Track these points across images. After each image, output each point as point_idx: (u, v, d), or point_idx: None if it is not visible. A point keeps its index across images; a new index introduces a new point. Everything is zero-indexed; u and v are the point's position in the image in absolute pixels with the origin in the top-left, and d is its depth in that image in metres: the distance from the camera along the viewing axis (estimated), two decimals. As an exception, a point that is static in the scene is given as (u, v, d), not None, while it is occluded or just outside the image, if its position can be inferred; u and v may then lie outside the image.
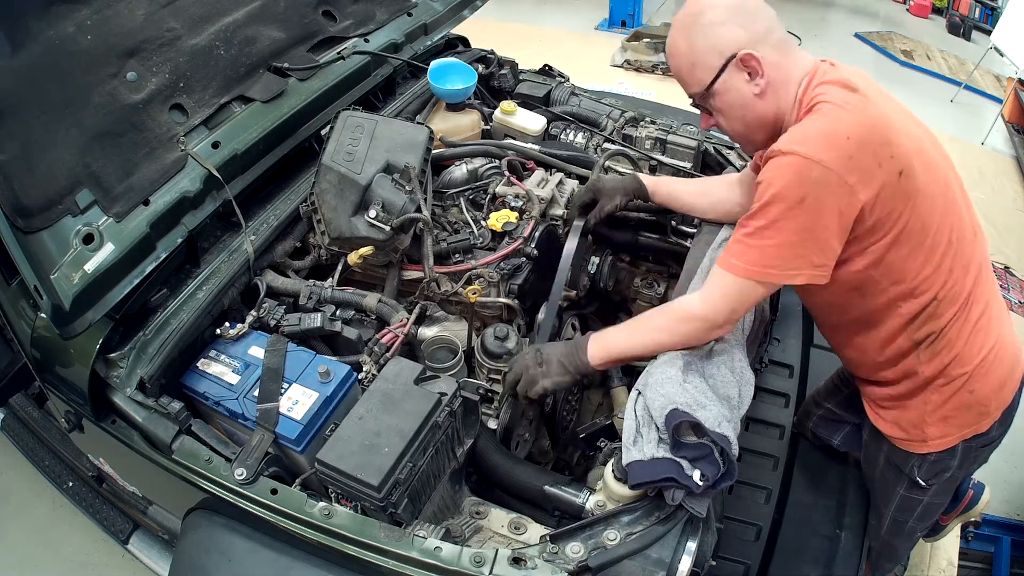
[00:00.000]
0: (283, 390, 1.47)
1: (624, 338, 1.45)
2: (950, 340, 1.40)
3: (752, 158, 1.63)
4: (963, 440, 1.47)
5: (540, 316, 1.72)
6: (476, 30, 2.71)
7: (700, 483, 1.24)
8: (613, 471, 1.36)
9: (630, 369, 2.08)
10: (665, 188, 1.78)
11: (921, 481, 1.55)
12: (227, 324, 1.60)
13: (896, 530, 1.71)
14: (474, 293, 1.66)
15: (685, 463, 1.26)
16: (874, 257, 1.31)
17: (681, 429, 1.27)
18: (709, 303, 1.35)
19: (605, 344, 1.45)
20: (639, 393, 1.39)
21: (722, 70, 1.34)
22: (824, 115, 1.27)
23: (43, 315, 1.50)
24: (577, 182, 1.98)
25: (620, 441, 1.43)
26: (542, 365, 1.46)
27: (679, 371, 1.39)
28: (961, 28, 6.06)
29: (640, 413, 1.36)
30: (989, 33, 5.20)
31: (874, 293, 1.37)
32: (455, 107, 2.21)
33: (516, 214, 1.80)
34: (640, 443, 1.31)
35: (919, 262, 1.33)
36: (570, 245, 1.75)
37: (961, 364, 1.41)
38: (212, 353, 1.59)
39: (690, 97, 1.43)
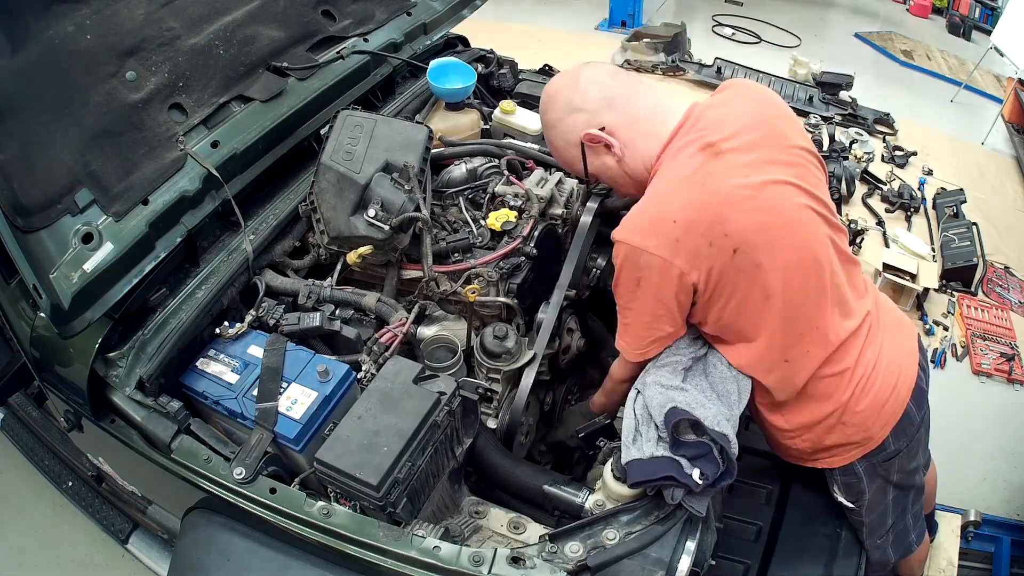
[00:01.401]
0: (282, 389, 1.47)
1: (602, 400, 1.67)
2: (811, 394, 1.45)
3: None
4: (855, 460, 1.53)
5: (540, 315, 1.72)
6: (476, 30, 2.71)
7: (699, 482, 1.24)
8: (612, 470, 1.36)
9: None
10: None
11: (848, 503, 1.63)
12: (226, 323, 1.60)
13: (873, 548, 1.73)
14: (473, 292, 1.66)
15: (684, 462, 1.26)
16: (718, 320, 1.37)
17: (680, 428, 1.27)
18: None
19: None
20: (638, 392, 1.39)
21: (584, 157, 1.45)
22: (655, 193, 1.33)
23: (42, 314, 1.50)
24: (576, 181, 1.98)
25: (620, 441, 1.43)
26: None
27: (679, 370, 1.40)
28: (961, 28, 6.05)
29: (639, 412, 1.36)
30: (989, 33, 5.20)
31: (729, 351, 1.42)
32: (454, 106, 2.21)
33: (515, 213, 1.79)
34: (639, 442, 1.31)
35: (767, 325, 1.35)
36: (585, 219, 1.78)
37: (825, 411, 1.46)
38: (211, 352, 1.59)
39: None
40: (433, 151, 1.93)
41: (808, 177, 1.39)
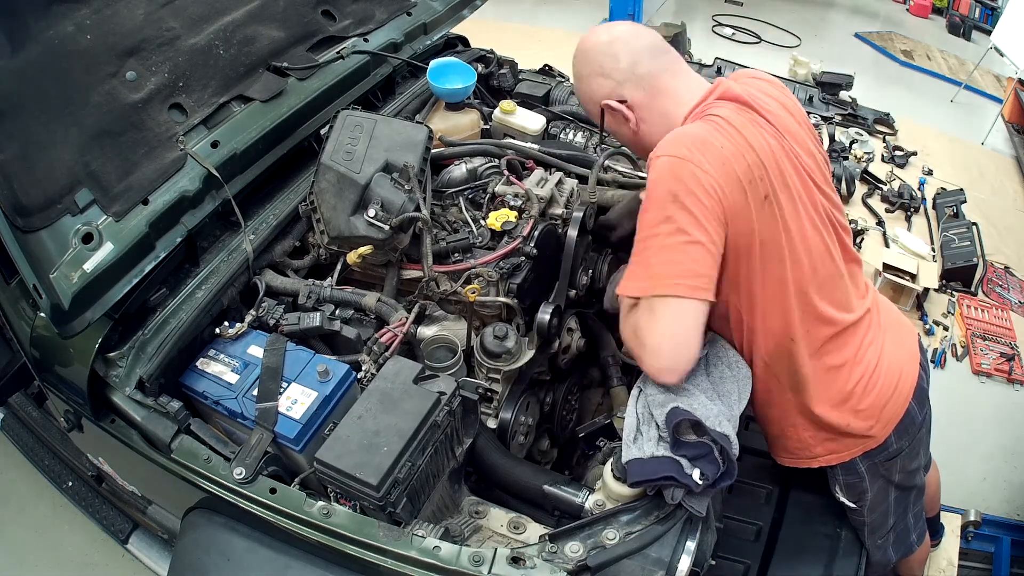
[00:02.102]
0: (282, 389, 1.47)
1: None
2: (812, 380, 1.45)
3: None
4: (855, 457, 1.53)
5: (540, 315, 1.72)
6: (476, 30, 2.71)
7: (700, 482, 1.24)
8: (612, 470, 1.36)
9: (629, 368, 2.09)
10: None
11: (849, 503, 1.63)
12: (226, 323, 1.60)
13: (874, 548, 1.74)
14: (473, 292, 1.66)
15: (685, 462, 1.26)
16: (732, 279, 1.33)
17: (681, 428, 1.27)
18: None
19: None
20: (640, 390, 1.39)
21: (602, 116, 1.49)
22: (705, 123, 1.31)
23: (42, 314, 1.50)
24: (576, 181, 1.98)
25: (619, 440, 1.43)
26: None
27: (701, 376, 1.39)
28: (961, 28, 6.05)
29: (641, 411, 1.35)
30: (989, 33, 5.20)
31: (736, 322, 1.41)
32: (454, 106, 2.21)
33: (515, 213, 1.79)
34: (640, 441, 1.31)
35: (779, 293, 1.35)
36: (571, 233, 1.78)
37: (827, 402, 1.47)
38: (211, 352, 1.59)
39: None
40: (433, 151, 1.93)
41: (823, 174, 1.45)
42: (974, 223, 3.77)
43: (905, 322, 1.65)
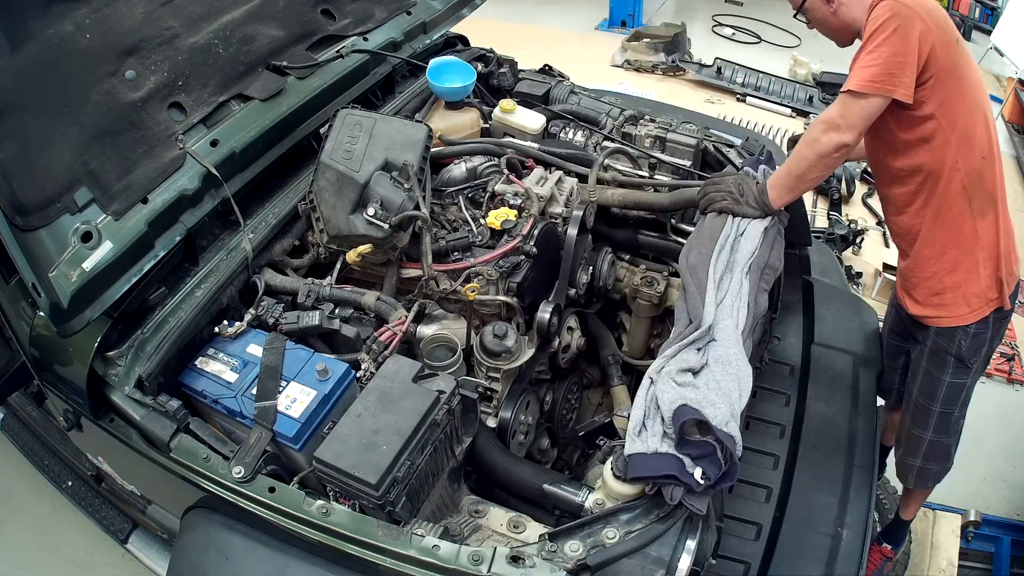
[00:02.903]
0: (281, 388, 1.47)
1: (783, 173, 1.70)
2: (994, 205, 1.71)
3: None
4: (992, 312, 1.75)
5: (540, 314, 1.72)
6: (476, 30, 2.71)
7: (701, 482, 1.24)
8: (612, 469, 1.35)
9: (629, 368, 2.09)
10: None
11: (966, 357, 1.80)
12: (225, 322, 1.60)
13: (944, 426, 1.89)
14: (473, 291, 1.66)
15: (687, 460, 1.26)
16: (935, 101, 1.60)
17: (686, 426, 1.27)
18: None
19: (774, 185, 1.70)
20: (651, 382, 1.38)
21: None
22: None
23: (41, 313, 1.50)
24: (576, 180, 1.98)
25: (619, 440, 1.43)
26: (742, 195, 1.70)
27: (691, 363, 1.39)
28: (961, 28, 6.05)
29: (648, 403, 1.35)
30: (989, 33, 5.19)
31: (938, 141, 1.64)
32: (454, 105, 2.21)
33: (515, 212, 1.79)
34: (644, 435, 1.30)
35: (965, 118, 1.64)
36: (571, 232, 1.79)
37: (998, 236, 1.72)
38: (210, 351, 1.59)
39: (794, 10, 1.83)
40: (433, 150, 1.93)
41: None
42: (974, 223, 3.76)
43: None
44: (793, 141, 2.10)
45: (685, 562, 1.25)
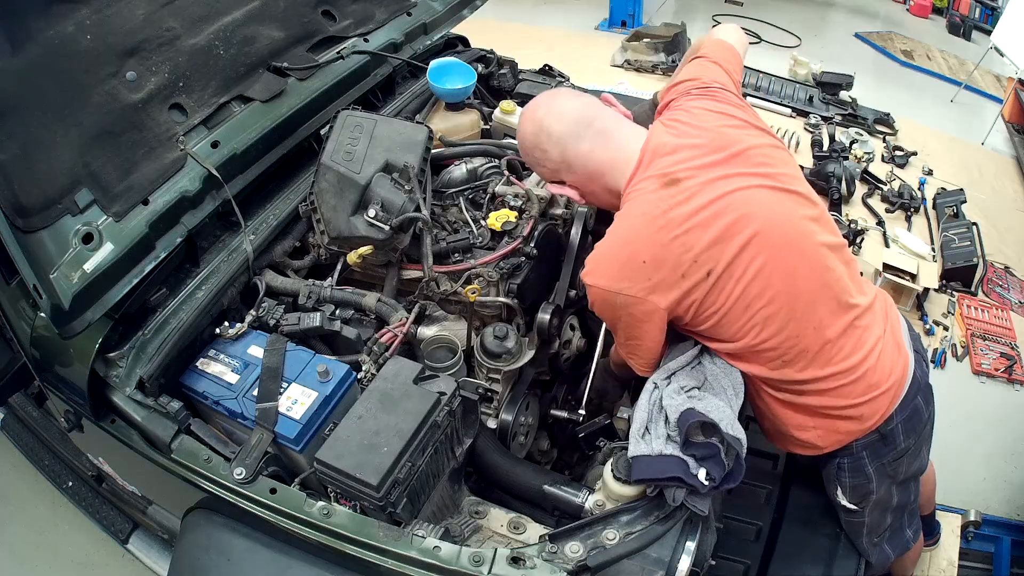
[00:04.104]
0: (282, 389, 1.47)
1: None
2: (816, 391, 1.44)
3: None
4: (867, 462, 1.52)
5: (540, 315, 1.72)
6: (476, 30, 2.71)
7: (705, 483, 1.24)
8: (612, 470, 1.36)
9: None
10: None
11: (851, 505, 1.63)
12: (226, 323, 1.60)
13: (871, 548, 1.73)
14: (473, 292, 1.66)
15: (692, 462, 1.26)
16: (707, 330, 1.39)
17: (691, 428, 1.27)
18: None
19: None
20: (656, 386, 1.39)
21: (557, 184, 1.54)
22: (621, 232, 1.35)
23: (42, 314, 1.50)
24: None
25: (619, 441, 1.43)
26: None
27: (695, 373, 1.39)
28: (961, 28, 6.05)
29: (652, 406, 1.35)
30: (989, 33, 5.19)
31: (723, 351, 1.44)
32: (454, 106, 2.21)
33: (515, 213, 1.79)
34: (648, 438, 1.30)
35: (755, 329, 1.36)
36: (573, 233, 1.79)
37: (836, 407, 1.45)
38: (211, 352, 1.59)
39: None
40: (433, 151, 1.93)
41: (775, 165, 1.41)
42: (974, 223, 3.77)
43: (894, 308, 1.62)
44: None
45: (685, 563, 1.25)
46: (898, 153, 4.40)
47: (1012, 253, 3.80)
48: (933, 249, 3.70)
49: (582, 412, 1.75)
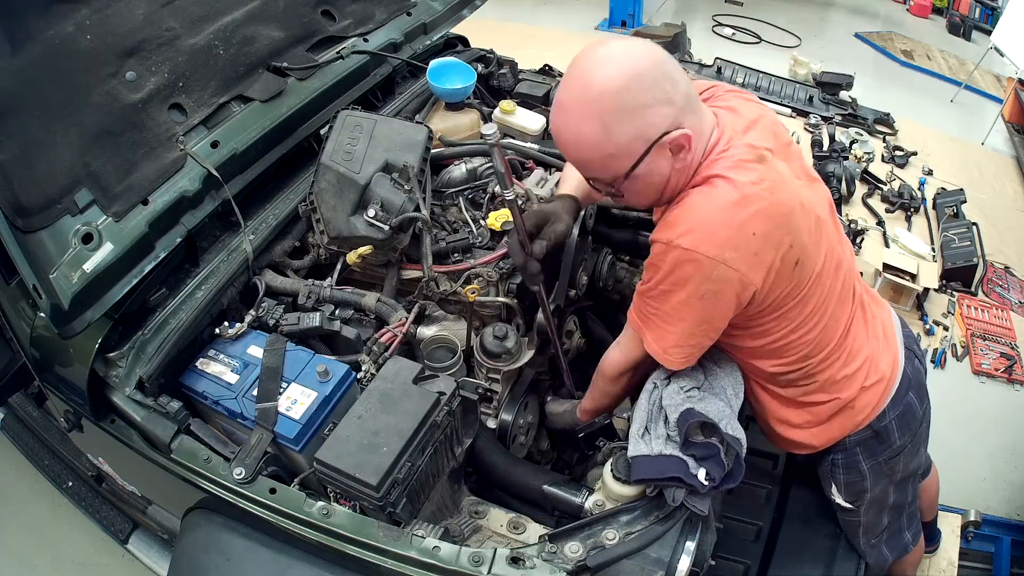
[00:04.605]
0: (282, 389, 1.47)
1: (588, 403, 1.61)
2: (818, 385, 1.45)
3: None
4: (862, 459, 1.53)
5: (539, 315, 1.72)
6: (476, 30, 2.71)
7: (705, 483, 1.24)
8: (612, 470, 1.36)
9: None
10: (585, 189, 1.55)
11: (846, 504, 1.62)
12: (226, 323, 1.60)
13: (868, 549, 1.73)
14: (473, 292, 1.66)
15: (691, 461, 1.26)
16: (758, 332, 1.35)
17: (691, 428, 1.27)
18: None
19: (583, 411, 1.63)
20: (655, 386, 1.39)
21: (645, 154, 1.19)
22: (731, 203, 1.19)
23: (42, 314, 1.50)
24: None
25: (619, 441, 1.43)
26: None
27: (695, 384, 1.39)
28: (961, 28, 6.05)
29: (651, 407, 1.35)
30: (989, 33, 5.19)
31: (744, 346, 1.41)
32: (454, 106, 2.21)
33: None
34: (648, 438, 1.31)
35: (797, 333, 1.35)
36: (571, 237, 1.76)
37: (834, 400, 1.46)
38: (211, 352, 1.59)
39: (592, 182, 1.31)
40: (433, 151, 1.93)
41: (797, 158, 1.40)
42: (974, 223, 3.77)
43: (885, 305, 1.65)
44: None
45: (684, 563, 1.25)
46: (898, 153, 4.40)
47: (1012, 253, 3.80)
48: (933, 249, 3.70)
49: (597, 420, 1.75)
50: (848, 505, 1.63)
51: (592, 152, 1.21)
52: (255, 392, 1.47)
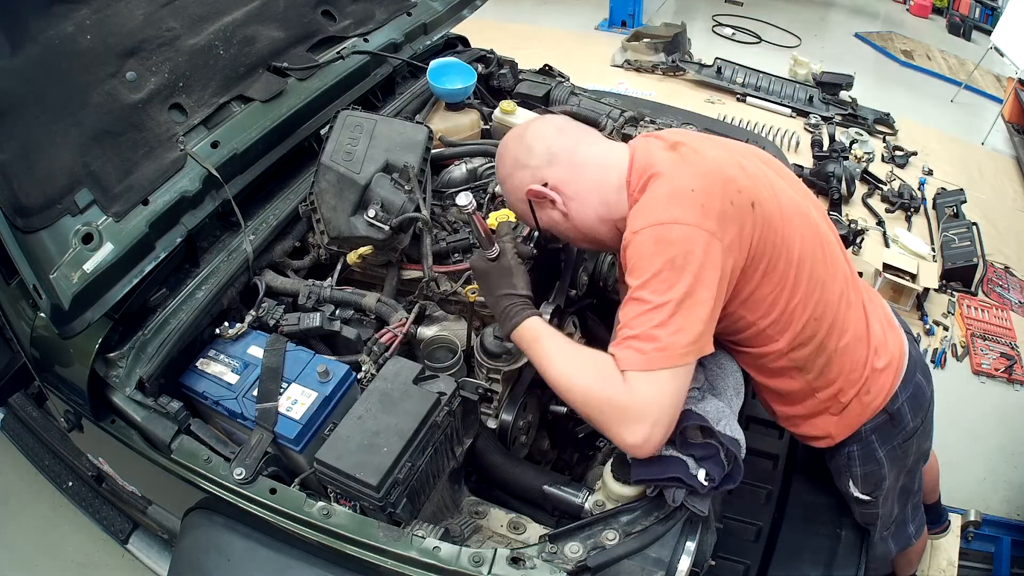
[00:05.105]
0: (282, 390, 1.47)
1: (551, 355, 1.32)
2: (832, 361, 1.42)
3: None
4: (877, 445, 1.52)
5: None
6: (476, 30, 2.71)
7: (705, 483, 1.24)
8: (612, 471, 1.36)
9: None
10: None
11: (864, 496, 1.62)
12: (226, 324, 1.60)
13: (880, 542, 1.74)
14: (473, 292, 1.66)
15: (691, 462, 1.26)
16: (758, 301, 1.32)
17: (689, 430, 1.27)
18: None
19: (535, 338, 1.35)
20: None
21: (533, 211, 1.43)
22: (660, 180, 1.28)
23: (42, 315, 1.50)
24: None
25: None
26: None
27: (695, 385, 1.39)
28: (961, 28, 6.05)
29: None
30: (989, 33, 5.19)
31: (751, 332, 1.37)
32: (454, 107, 2.21)
33: (515, 214, 1.79)
34: None
35: (786, 293, 1.32)
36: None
37: (850, 381, 1.45)
38: (211, 353, 1.59)
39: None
40: (433, 151, 1.93)
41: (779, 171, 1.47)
42: (974, 223, 3.77)
43: (875, 294, 1.65)
44: None
45: (684, 563, 1.25)
46: (898, 153, 4.40)
47: (1012, 253, 3.80)
48: (933, 249, 3.70)
49: None
50: (866, 497, 1.62)
51: (515, 212, 1.54)
52: (255, 392, 1.47)
